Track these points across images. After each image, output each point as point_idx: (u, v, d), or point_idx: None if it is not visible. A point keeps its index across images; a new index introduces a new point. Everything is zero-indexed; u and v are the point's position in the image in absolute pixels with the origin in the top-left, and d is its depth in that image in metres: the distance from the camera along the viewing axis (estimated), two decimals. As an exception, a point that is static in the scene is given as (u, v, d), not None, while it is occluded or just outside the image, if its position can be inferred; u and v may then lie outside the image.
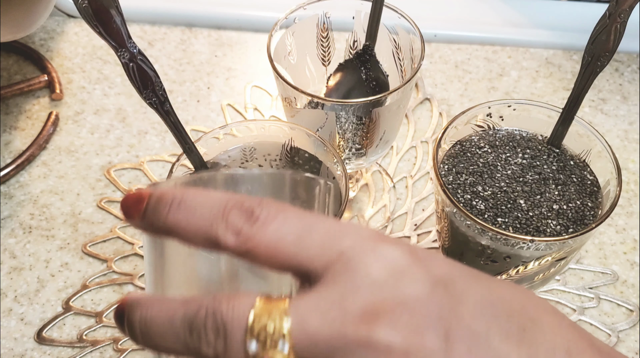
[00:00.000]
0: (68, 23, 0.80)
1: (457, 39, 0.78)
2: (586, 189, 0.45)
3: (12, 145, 0.68)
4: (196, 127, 0.69)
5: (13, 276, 0.58)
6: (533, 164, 0.46)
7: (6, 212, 0.62)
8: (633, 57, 0.76)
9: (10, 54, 0.76)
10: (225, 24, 0.80)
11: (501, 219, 0.42)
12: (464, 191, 0.44)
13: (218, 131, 0.45)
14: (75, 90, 0.73)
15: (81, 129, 0.69)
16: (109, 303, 0.57)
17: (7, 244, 0.60)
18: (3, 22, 0.63)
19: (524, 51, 0.77)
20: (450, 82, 0.74)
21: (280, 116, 0.70)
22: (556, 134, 0.46)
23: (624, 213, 0.62)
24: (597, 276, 0.59)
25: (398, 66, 0.55)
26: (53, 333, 0.55)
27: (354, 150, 0.53)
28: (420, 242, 0.61)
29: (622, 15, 0.40)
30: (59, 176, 0.65)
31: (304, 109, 0.50)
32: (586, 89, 0.44)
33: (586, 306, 0.57)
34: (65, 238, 0.61)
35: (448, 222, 0.44)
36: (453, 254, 0.47)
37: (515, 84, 0.74)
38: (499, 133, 0.48)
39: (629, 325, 0.55)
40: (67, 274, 0.58)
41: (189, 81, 0.74)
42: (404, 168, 0.67)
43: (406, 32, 0.52)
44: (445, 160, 0.46)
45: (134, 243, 0.60)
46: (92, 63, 0.76)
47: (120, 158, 0.67)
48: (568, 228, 0.42)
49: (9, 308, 0.56)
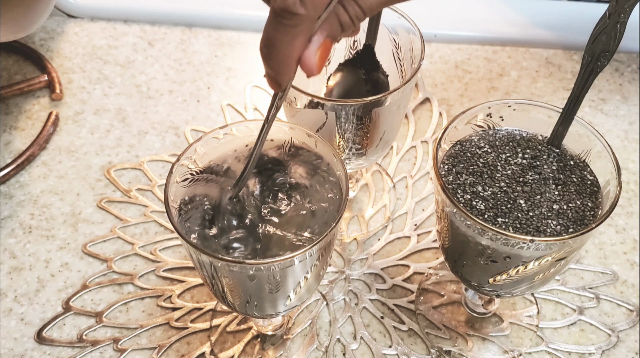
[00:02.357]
0: (68, 23, 0.80)
1: (457, 39, 0.78)
2: (586, 189, 0.45)
3: (12, 145, 0.68)
4: (196, 127, 0.69)
5: (13, 276, 0.58)
6: (533, 164, 0.46)
7: (6, 212, 0.62)
8: (633, 57, 0.76)
9: (10, 54, 0.76)
10: (225, 24, 0.80)
11: (501, 219, 0.42)
12: (464, 191, 0.44)
13: (218, 131, 0.45)
14: (75, 90, 0.73)
15: (81, 129, 0.69)
16: (109, 303, 0.57)
17: (7, 244, 0.60)
18: (3, 22, 0.63)
19: (524, 51, 0.77)
20: (450, 82, 0.74)
21: (280, 116, 0.70)
22: (556, 134, 0.46)
23: (624, 213, 0.62)
24: (597, 276, 0.59)
25: (398, 66, 0.55)
26: (53, 333, 0.55)
27: (354, 150, 0.53)
28: (420, 242, 0.61)
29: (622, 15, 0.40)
30: (59, 176, 0.65)
31: (304, 109, 0.50)
32: (586, 89, 0.44)
33: (586, 306, 0.57)
34: (65, 238, 0.61)
35: (448, 222, 0.44)
36: (453, 254, 0.47)
37: (515, 84, 0.74)
38: (499, 133, 0.48)
39: (629, 325, 0.55)
40: (67, 274, 0.58)
41: (189, 81, 0.74)
42: (404, 168, 0.67)
43: (406, 32, 0.52)
44: (445, 160, 0.46)
45: (134, 243, 0.60)
46: (92, 63, 0.76)
47: (120, 158, 0.67)
48: (568, 228, 0.42)
49: (9, 308, 0.56)
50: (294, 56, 0.36)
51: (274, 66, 0.37)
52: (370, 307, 0.57)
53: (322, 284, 0.58)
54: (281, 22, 0.34)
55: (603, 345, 0.54)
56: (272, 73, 0.37)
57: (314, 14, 0.34)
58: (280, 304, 0.44)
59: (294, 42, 0.35)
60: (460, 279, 0.49)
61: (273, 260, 0.38)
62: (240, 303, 0.44)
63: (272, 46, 0.36)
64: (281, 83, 0.38)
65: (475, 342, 0.55)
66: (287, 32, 0.35)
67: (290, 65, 0.36)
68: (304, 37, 0.35)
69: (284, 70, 0.37)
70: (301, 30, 0.35)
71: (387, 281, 0.58)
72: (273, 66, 0.37)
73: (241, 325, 0.56)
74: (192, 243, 0.39)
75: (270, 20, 0.35)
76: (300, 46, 0.35)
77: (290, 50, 0.35)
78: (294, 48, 0.35)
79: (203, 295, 0.57)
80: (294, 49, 0.35)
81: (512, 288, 0.46)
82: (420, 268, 0.59)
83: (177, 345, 0.54)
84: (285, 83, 0.38)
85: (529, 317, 0.56)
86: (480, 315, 0.56)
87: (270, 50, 0.36)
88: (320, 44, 0.36)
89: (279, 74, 0.37)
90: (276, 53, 0.36)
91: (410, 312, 0.57)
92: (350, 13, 0.36)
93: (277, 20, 0.34)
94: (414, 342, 0.55)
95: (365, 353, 0.54)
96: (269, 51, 0.36)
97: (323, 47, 0.36)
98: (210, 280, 0.42)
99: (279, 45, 0.35)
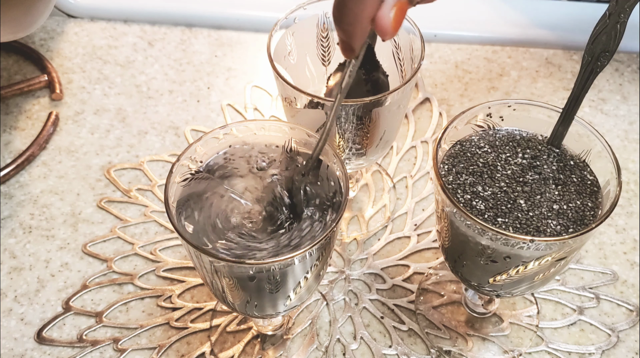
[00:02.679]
0: (68, 23, 0.80)
1: (457, 39, 0.78)
2: (586, 189, 0.45)
3: (12, 145, 0.68)
4: (196, 127, 0.69)
5: (13, 276, 0.58)
6: (533, 164, 0.46)
7: (6, 212, 0.62)
8: (633, 57, 0.76)
9: (10, 54, 0.76)
10: (225, 24, 0.80)
11: (501, 219, 0.42)
12: (464, 191, 0.44)
13: (218, 131, 0.45)
14: (75, 90, 0.73)
15: (81, 129, 0.69)
16: (108, 303, 0.57)
17: (7, 244, 0.60)
18: (3, 22, 0.63)
19: (524, 51, 0.77)
20: (450, 82, 0.74)
21: (280, 116, 0.70)
22: (556, 134, 0.46)
23: (624, 213, 0.62)
24: (597, 276, 0.59)
25: (398, 66, 0.55)
26: (53, 333, 0.55)
27: (354, 150, 0.53)
28: (420, 242, 0.61)
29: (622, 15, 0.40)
30: (59, 176, 0.65)
31: (304, 109, 0.50)
32: (586, 89, 0.44)
33: (586, 306, 0.57)
34: (65, 238, 0.61)
35: (448, 222, 0.44)
36: (453, 254, 0.47)
37: (515, 84, 0.74)
38: (499, 133, 0.48)
39: (629, 325, 0.55)
40: (67, 274, 0.58)
41: (189, 81, 0.74)
42: (404, 168, 0.67)
43: (406, 32, 0.52)
44: (445, 160, 0.46)
45: (134, 243, 0.60)
46: (92, 63, 0.76)
47: (120, 158, 0.67)
48: (568, 228, 0.42)
49: (9, 308, 0.56)
50: (365, 15, 0.35)
51: (346, 28, 0.36)
52: (370, 307, 0.57)
53: (322, 284, 0.58)
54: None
55: (603, 345, 0.54)
56: (344, 36, 0.36)
57: None
58: (280, 304, 0.44)
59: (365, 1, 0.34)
60: (460, 279, 0.49)
61: (273, 260, 0.38)
62: (240, 303, 0.44)
63: (343, 6, 0.35)
64: (354, 47, 0.37)
65: (475, 342, 0.55)
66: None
67: (363, 25, 0.35)
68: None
69: (356, 31, 0.36)
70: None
71: (387, 281, 0.58)
72: (345, 28, 0.36)
73: (241, 325, 0.56)
74: (192, 243, 0.39)
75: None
76: (372, 5, 0.35)
77: (362, 8, 0.35)
78: (366, 7, 0.35)
79: (203, 295, 0.57)
80: (365, 6, 0.35)
81: (512, 288, 0.46)
82: (420, 268, 0.59)
83: (177, 345, 0.54)
84: (359, 47, 0.37)
85: (529, 317, 0.56)
86: (480, 315, 0.56)
87: (342, 11, 0.35)
88: (395, 2, 0.35)
89: (351, 36, 0.36)
90: (347, 13, 0.35)
91: (410, 312, 0.57)
92: None
93: None
94: (414, 342, 0.55)
95: (365, 353, 0.54)
96: (340, 13, 0.35)
97: (398, 7, 0.35)
98: (210, 280, 0.42)
99: (350, 4, 0.35)
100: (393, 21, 0.36)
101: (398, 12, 0.36)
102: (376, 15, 0.35)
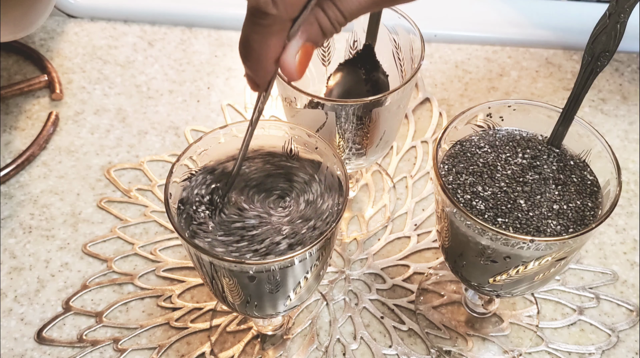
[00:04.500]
0: (68, 23, 0.80)
1: (457, 39, 0.78)
2: (586, 189, 0.45)
3: (12, 145, 0.68)
4: (196, 127, 0.69)
5: (13, 276, 0.58)
6: (533, 164, 0.46)
7: (6, 212, 0.62)
8: (633, 57, 0.76)
9: (10, 54, 0.76)
10: (225, 24, 0.80)
11: (501, 219, 0.42)
12: (464, 191, 0.44)
13: (218, 131, 0.45)
14: (75, 90, 0.73)
15: (81, 129, 0.69)
16: (108, 303, 0.57)
17: (7, 244, 0.60)
18: (3, 22, 0.63)
19: (524, 51, 0.77)
20: (450, 82, 0.74)
21: (280, 116, 0.70)
22: (556, 134, 0.46)
23: (624, 213, 0.62)
24: (597, 276, 0.59)
25: (398, 66, 0.55)
26: (53, 333, 0.55)
27: (354, 150, 0.53)
28: (420, 242, 0.61)
29: (622, 15, 0.40)
30: (59, 176, 0.65)
31: (304, 109, 0.50)
32: (586, 89, 0.44)
33: (586, 306, 0.57)
34: (65, 238, 0.61)
35: (448, 222, 0.44)
36: (453, 254, 0.47)
37: (515, 84, 0.74)
38: (499, 133, 0.48)
39: (629, 325, 0.55)
40: (67, 274, 0.58)
41: (189, 81, 0.74)
42: (404, 168, 0.67)
43: (406, 32, 0.52)
44: (445, 160, 0.46)
45: (134, 243, 0.60)
46: (92, 63, 0.76)
47: (120, 158, 0.67)
48: (568, 228, 0.42)
49: (9, 308, 0.56)
50: (269, 57, 0.35)
51: (250, 66, 0.36)
52: (370, 307, 0.57)
53: (322, 284, 0.58)
54: (255, 21, 0.34)
55: (603, 345, 0.54)
56: (249, 73, 0.37)
57: (286, 15, 0.34)
58: (280, 304, 0.44)
59: (267, 42, 0.35)
60: (460, 279, 0.49)
61: (273, 260, 0.38)
62: (240, 303, 0.44)
63: (247, 45, 0.35)
64: (259, 83, 0.37)
65: (475, 342, 0.55)
66: (260, 31, 0.34)
67: (266, 65, 0.36)
68: (277, 38, 0.35)
69: (259, 70, 0.36)
70: (274, 30, 0.34)
71: (387, 281, 0.58)
72: (250, 66, 0.36)
73: (241, 325, 0.56)
74: (192, 243, 0.39)
75: (245, 19, 0.35)
76: (275, 47, 0.35)
77: (265, 50, 0.35)
78: (268, 48, 0.35)
79: (203, 295, 0.57)
80: (268, 49, 0.35)
81: (512, 288, 0.46)
82: (420, 268, 0.59)
83: (177, 345, 0.54)
84: (263, 84, 0.37)
85: (529, 317, 0.56)
86: (480, 315, 0.56)
87: (246, 49, 0.36)
88: (300, 47, 0.36)
89: (255, 74, 0.37)
90: (251, 52, 0.36)
91: (410, 312, 0.57)
92: (330, 17, 0.35)
93: (251, 19, 0.34)
94: (414, 342, 0.55)
95: (365, 353, 0.54)
96: (245, 50, 0.36)
97: (303, 51, 0.36)
98: (210, 280, 0.42)
99: (254, 44, 0.35)
100: (298, 64, 0.36)
101: (303, 55, 0.36)
102: (281, 59, 0.36)
